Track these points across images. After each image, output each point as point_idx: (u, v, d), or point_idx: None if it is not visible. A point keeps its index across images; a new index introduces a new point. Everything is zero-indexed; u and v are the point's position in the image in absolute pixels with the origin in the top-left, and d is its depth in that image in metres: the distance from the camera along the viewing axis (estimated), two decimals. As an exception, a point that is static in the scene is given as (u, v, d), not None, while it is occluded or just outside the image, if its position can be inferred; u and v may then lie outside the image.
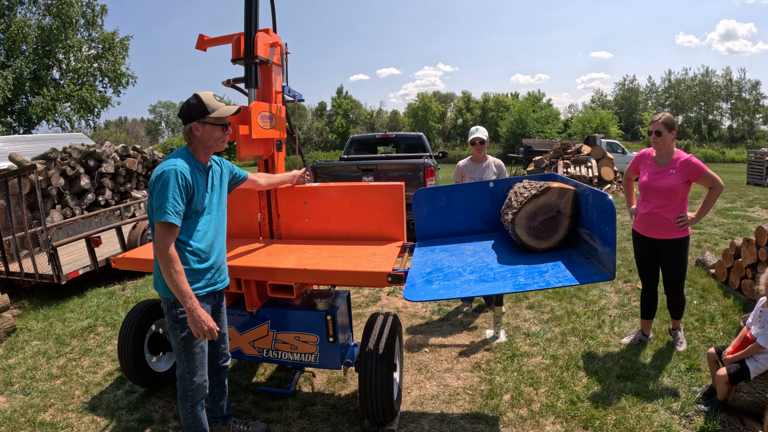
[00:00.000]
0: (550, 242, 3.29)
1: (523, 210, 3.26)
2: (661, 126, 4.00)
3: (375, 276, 2.96)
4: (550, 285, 2.70)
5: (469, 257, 3.28)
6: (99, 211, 9.27)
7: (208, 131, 2.75)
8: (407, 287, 2.81)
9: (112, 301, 6.67)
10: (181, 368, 2.83)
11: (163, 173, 2.58)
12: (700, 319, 5.07)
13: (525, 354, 4.54)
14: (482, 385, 4.06)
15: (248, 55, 3.61)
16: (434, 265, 3.18)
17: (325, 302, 3.34)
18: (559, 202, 3.26)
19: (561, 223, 3.26)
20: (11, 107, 26.17)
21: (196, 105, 2.72)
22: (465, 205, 3.79)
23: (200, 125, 2.72)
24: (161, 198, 2.54)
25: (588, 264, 2.90)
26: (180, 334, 2.75)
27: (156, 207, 2.56)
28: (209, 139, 2.77)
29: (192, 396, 2.86)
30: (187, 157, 2.76)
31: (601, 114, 40.01)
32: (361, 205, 3.75)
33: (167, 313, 2.77)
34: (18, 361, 4.94)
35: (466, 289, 2.74)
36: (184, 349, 2.78)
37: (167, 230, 2.55)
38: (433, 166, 8.55)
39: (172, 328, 2.77)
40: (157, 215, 2.55)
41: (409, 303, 6.03)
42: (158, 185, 2.58)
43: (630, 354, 4.41)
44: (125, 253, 3.81)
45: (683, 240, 4.13)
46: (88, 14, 28.19)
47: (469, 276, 2.92)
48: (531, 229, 3.27)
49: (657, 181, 4.07)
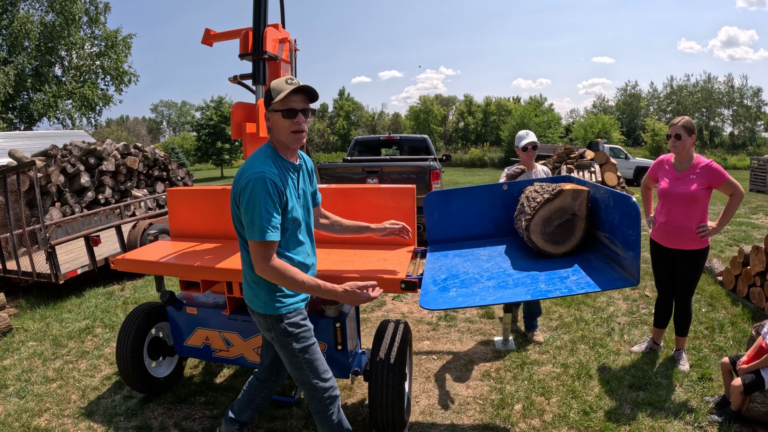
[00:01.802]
0: (567, 246, 3.17)
1: (537, 215, 3.13)
2: (681, 129, 3.87)
3: (388, 282, 2.82)
4: (572, 291, 2.59)
5: (484, 262, 3.15)
6: (99, 209, 9.14)
7: (276, 121, 2.39)
8: (423, 295, 2.68)
9: (110, 302, 6.53)
10: (308, 380, 2.59)
11: (248, 183, 2.27)
12: (709, 327, 5.00)
13: (535, 362, 4.43)
14: (492, 394, 3.95)
15: (257, 50, 3.48)
16: (449, 271, 3.05)
17: (334, 309, 3.21)
18: (573, 204, 3.14)
19: (577, 226, 3.15)
20: (12, 103, 26.08)
21: (267, 93, 2.41)
22: (478, 209, 3.67)
23: (270, 114, 2.41)
24: (251, 213, 2.26)
25: (609, 269, 2.79)
26: (295, 347, 2.52)
27: (247, 224, 2.30)
28: (279, 132, 2.40)
29: (331, 401, 2.65)
30: (273, 156, 2.42)
31: (604, 119, 39.87)
32: (371, 208, 3.62)
33: (272, 329, 2.52)
34: (13, 363, 4.80)
35: (486, 296, 2.61)
36: (305, 359, 2.55)
37: (265, 248, 2.29)
38: (439, 169, 8.42)
39: (283, 344, 2.53)
40: (250, 233, 2.28)
41: (416, 308, 5.91)
42: (245, 198, 2.28)
43: (641, 363, 4.32)
44: (125, 254, 3.68)
45: (703, 251, 4.00)
46: (91, 11, 28.15)
47: (487, 282, 2.80)
48: (547, 234, 3.15)
49: (677, 187, 3.92)
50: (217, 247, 3.66)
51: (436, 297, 2.64)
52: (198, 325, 3.66)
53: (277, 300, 2.48)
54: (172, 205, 4.13)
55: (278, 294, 2.48)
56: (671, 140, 3.93)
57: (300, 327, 2.54)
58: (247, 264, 2.51)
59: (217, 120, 36.85)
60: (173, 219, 4.15)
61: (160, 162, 12.50)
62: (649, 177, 4.31)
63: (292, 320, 2.51)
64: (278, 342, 2.55)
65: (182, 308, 3.66)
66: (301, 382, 2.63)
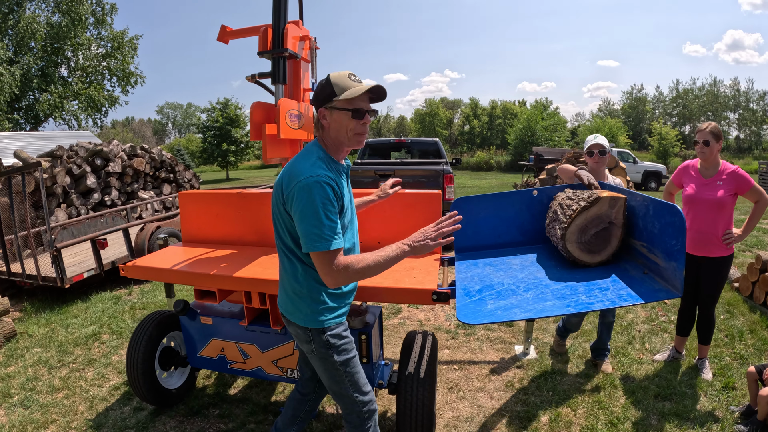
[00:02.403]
0: (603, 255, 3.00)
1: (574, 224, 2.96)
2: (708, 135, 3.82)
3: (418, 293, 2.67)
4: (615, 304, 2.45)
5: (517, 272, 2.98)
6: (105, 211, 9.02)
7: (337, 120, 2.18)
8: (459, 308, 2.51)
9: (117, 307, 6.37)
10: (348, 394, 2.43)
11: (302, 188, 2.06)
12: (729, 335, 4.94)
13: (558, 372, 4.33)
14: (517, 405, 3.84)
15: (276, 47, 3.31)
16: (482, 281, 2.88)
17: (359, 320, 3.04)
18: (610, 212, 2.97)
19: (614, 235, 2.98)
20: (18, 103, 26.07)
21: (324, 86, 2.18)
22: (506, 216, 3.50)
23: (328, 112, 2.19)
24: (311, 221, 2.05)
25: (648, 280, 2.64)
26: (336, 360, 2.35)
27: (305, 233, 2.08)
28: (340, 131, 2.20)
29: (370, 415, 2.50)
30: (326, 158, 2.21)
31: (610, 123, 39.70)
32: (394, 213, 3.46)
33: (312, 342, 2.34)
34: (17, 370, 4.65)
35: (526, 308, 2.45)
36: (346, 372, 2.39)
37: (332, 257, 2.09)
38: (452, 173, 8.27)
39: (323, 356, 2.35)
40: (312, 244, 2.07)
41: (432, 315, 5.75)
42: (300, 204, 2.07)
43: (665, 372, 4.24)
44: (135, 261, 3.51)
45: (728, 258, 3.95)
46: (97, 12, 28.15)
47: (524, 294, 2.63)
48: (583, 243, 2.98)
49: (704, 194, 3.87)
50: (232, 254, 3.50)
51: (473, 310, 2.48)
52: (213, 336, 3.49)
53: (321, 313, 2.30)
54: (184, 209, 3.97)
55: (322, 307, 2.30)
56: (699, 146, 3.89)
57: (342, 339, 2.37)
58: (288, 273, 2.31)
59: (222, 122, 36.78)
60: (185, 223, 3.99)
61: (167, 164, 12.39)
62: (672, 182, 4.26)
63: (334, 332, 2.33)
64: (318, 354, 2.37)
65: (196, 318, 3.49)
66: (339, 396, 2.47)
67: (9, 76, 22.65)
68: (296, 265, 2.26)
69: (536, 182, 16.31)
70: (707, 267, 3.98)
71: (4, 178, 6.50)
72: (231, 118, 37.19)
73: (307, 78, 3.69)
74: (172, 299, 4.60)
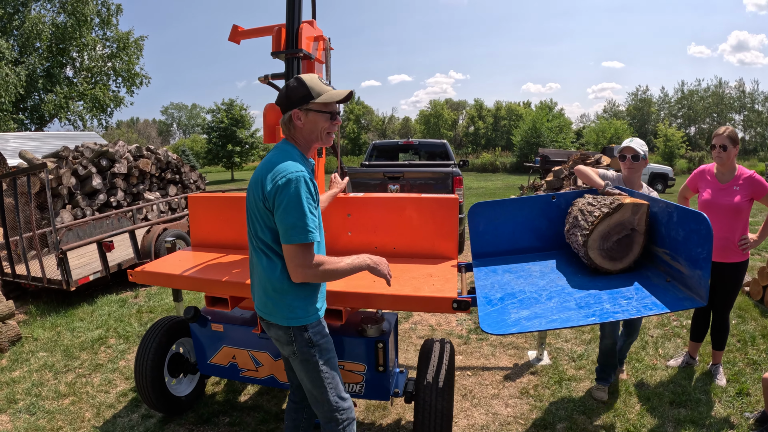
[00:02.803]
0: (625, 263, 2.92)
1: (596, 231, 2.88)
2: (726, 140, 3.77)
3: (438, 302, 2.59)
4: (641, 313, 2.37)
5: (538, 279, 2.90)
6: (111, 212, 8.96)
7: (312, 120, 2.28)
8: (483, 317, 2.42)
9: (124, 310, 6.30)
10: (328, 398, 2.41)
11: (289, 182, 2.12)
12: (741, 340, 4.89)
13: (573, 378, 4.27)
14: (533, 413, 3.77)
15: (290, 48, 3.23)
16: (503, 289, 2.79)
17: (375, 328, 2.96)
18: (633, 219, 2.89)
19: (636, 242, 2.90)
20: (24, 104, 26.05)
21: (296, 88, 2.24)
22: (524, 221, 3.42)
23: (302, 113, 2.26)
24: (296, 214, 2.11)
25: (672, 288, 2.57)
26: (320, 359, 2.36)
27: (287, 226, 2.12)
28: (313, 131, 2.30)
29: (349, 423, 2.48)
30: (300, 157, 2.29)
31: (616, 124, 39.56)
32: (410, 218, 3.37)
33: (294, 342, 2.33)
34: (23, 375, 4.58)
35: (551, 318, 2.37)
36: (328, 371, 2.39)
37: (309, 251, 2.15)
38: (461, 175, 8.18)
39: (305, 355, 2.34)
40: (292, 236, 2.12)
41: (444, 320, 5.66)
42: (284, 198, 2.11)
43: (679, 378, 4.20)
44: (144, 266, 3.42)
45: (743, 264, 3.92)
46: (103, 13, 28.09)
47: (548, 303, 2.55)
48: (605, 250, 2.90)
49: (720, 199, 3.82)
50: (244, 259, 3.41)
51: (497, 320, 2.39)
52: (224, 343, 3.41)
53: (302, 308, 2.31)
54: (193, 213, 3.89)
55: (304, 302, 2.31)
56: (716, 150, 3.84)
57: (324, 336, 2.39)
58: (266, 273, 2.29)
59: (227, 123, 36.79)
60: (195, 227, 3.91)
61: (172, 165, 12.34)
62: (687, 187, 4.21)
63: (316, 329, 2.35)
64: (300, 355, 2.35)
65: (207, 325, 3.41)
66: (319, 401, 2.43)
67: (14, 76, 22.61)
68: (275, 261, 2.26)
69: (543, 184, 16.21)
70: (723, 272, 3.92)
71: (9, 179, 6.44)
72: (236, 119, 37.23)
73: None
74: (180, 303, 4.52)
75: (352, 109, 55.72)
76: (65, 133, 19.38)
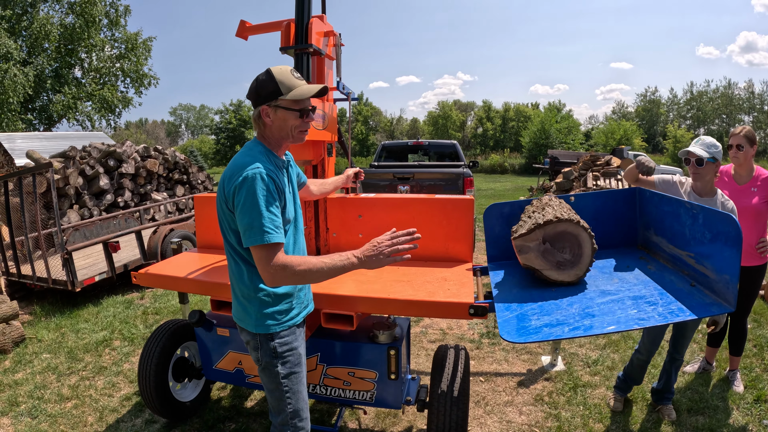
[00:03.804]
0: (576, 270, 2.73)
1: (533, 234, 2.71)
2: (742, 139, 3.65)
3: (454, 307, 2.49)
4: (667, 320, 2.25)
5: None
6: (117, 213, 8.90)
7: (281, 118, 2.14)
8: (502, 324, 2.30)
9: (129, 312, 6.22)
10: (284, 412, 2.28)
11: (245, 180, 1.99)
12: (757, 345, 4.82)
13: (588, 385, 4.17)
14: (548, 421, 3.67)
15: (300, 43, 3.12)
16: (522, 293, 2.67)
17: (387, 334, 2.85)
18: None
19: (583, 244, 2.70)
20: (32, 104, 26.11)
21: (265, 82, 2.10)
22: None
23: (271, 110, 2.13)
24: (252, 214, 1.98)
25: (697, 293, 2.46)
26: (281, 371, 2.23)
27: (245, 227, 2.00)
28: (283, 129, 2.16)
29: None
30: (266, 153, 2.16)
31: (625, 126, 39.33)
32: (424, 220, 3.26)
33: (260, 349, 2.22)
34: (26, 377, 4.50)
35: (574, 325, 2.24)
36: (289, 387, 2.26)
37: (271, 251, 1.99)
38: (472, 176, 8.08)
39: (268, 366, 2.23)
40: (250, 237, 1.99)
41: (455, 324, 5.54)
42: (241, 197, 1.99)
43: (696, 384, 4.14)
44: (148, 268, 3.33)
45: (762, 267, 3.82)
46: (111, 14, 28.13)
47: (569, 309, 2.42)
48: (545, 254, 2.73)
49: (738, 201, 3.67)
50: (251, 261, 3.30)
51: (517, 327, 2.27)
52: (230, 348, 3.31)
53: (271, 317, 2.20)
54: (199, 214, 3.80)
55: (271, 309, 2.20)
56: (732, 150, 3.72)
57: (292, 349, 2.26)
58: (236, 276, 2.21)
59: (236, 123, 36.85)
60: (200, 228, 3.81)
61: (180, 165, 12.29)
62: None
63: (283, 340, 2.23)
64: (263, 364, 2.25)
65: (213, 329, 3.31)
66: (276, 412, 2.31)
67: (23, 76, 22.64)
68: (242, 266, 2.18)
69: (552, 185, 16.07)
70: (742, 277, 3.75)
71: (15, 179, 6.38)
72: (244, 120, 37.32)
73: (332, 76, 3.50)
74: (186, 305, 4.43)
75: (360, 110, 55.72)
76: (73, 133, 19.38)
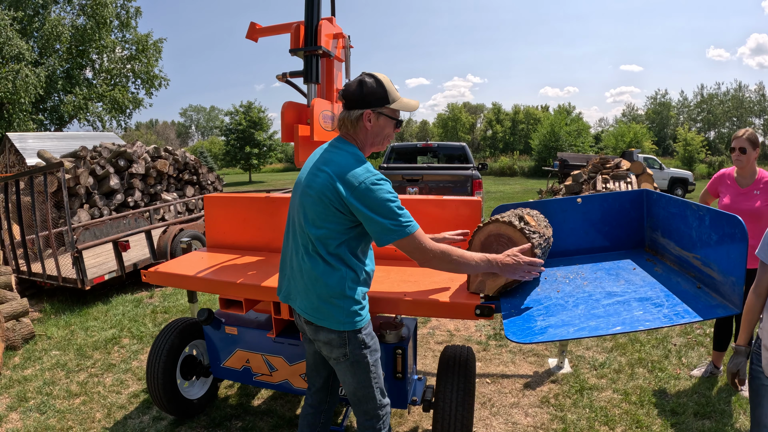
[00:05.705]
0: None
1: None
2: (745, 142, 3.66)
3: (460, 308, 2.50)
4: (673, 322, 2.25)
5: (564, 285, 2.78)
6: (127, 212, 8.97)
7: (381, 125, 2.22)
8: (507, 324, 2.31)
9: (138, 310, 6.27)
10: (373, 397, 2.36)
11: (375, 184, 2.07)
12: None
13: (594, 387, 4.15)
14: (554, 423, 3.65)
15: (309, 45, 3.14)
16: (527, 294, 2.68)
17: (394, 334, 2.87)
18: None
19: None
20: (43, 105, 26.36)
21: (375, 89, 2.16)
22: (551, 224, 3.29)
23: (374, 115, 2.19)
24: (390, 212, 2.08)
25: (703, 295, 2.47)
26: (370, 359, 2.31)
27: (387, 226, 2.08)
28: (378, 135, 2.25)
29: (388, 413, 2.46)
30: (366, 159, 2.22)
31: (636, 128, 39.14)
32: (431, 221, 3.26)
33: (348, 344, 2.26)
34: (35, 373, 4.55)
35: (579, 326, 2.24)
36: (375, 371, 2.35)
37: (419, 238, 2.14)
38: (481, 178, 8.08)
39: (357, 357, 2.28)
40: (397, 232, 2.09)
41: (462, 325, 5.55)
42: (375, 199, 2.07)
43: (703, 388, 4.08)
44: (158, 266, 3.36)
45: None
46: (122, 15, 28.42)
47: (575, 310, 2.43)
48: None
49: (741, 204, 3.70)
50: (260, 261, 3.33)
51: (522, 328, 2.28)
52: (238, 347, 3.33)
53: (357, 314, 2.24)
54: (209, 213, 3.83)
55: (358, 306, 2.24)
56: (735, 153, 3.73)
57: (374, 337, 2.36)
58: (323, 278, 2.19)
59: (246, 125, 36.95)
60: (210, 228, 3.84)
61: (190, 166, 12.37)
62: (708, 192, 4.11)
63: (368, 330, 2.31)
64: (352, 357, 2.28)
65: (221, 327, 3.33)
66: (363, 401, 2.37)
67: (34, 77, 22.87)
68: (336, 268, 2.19)
69: (561, 188, 16.02)
70: (747, 279, 3.77)
71: (26, 178, 6.46)
72: (254, 121, 37.40)
73: (341, 78, 3.52)
74: (195, 304, 4.46)
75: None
76: (84, 133, 19.56)
